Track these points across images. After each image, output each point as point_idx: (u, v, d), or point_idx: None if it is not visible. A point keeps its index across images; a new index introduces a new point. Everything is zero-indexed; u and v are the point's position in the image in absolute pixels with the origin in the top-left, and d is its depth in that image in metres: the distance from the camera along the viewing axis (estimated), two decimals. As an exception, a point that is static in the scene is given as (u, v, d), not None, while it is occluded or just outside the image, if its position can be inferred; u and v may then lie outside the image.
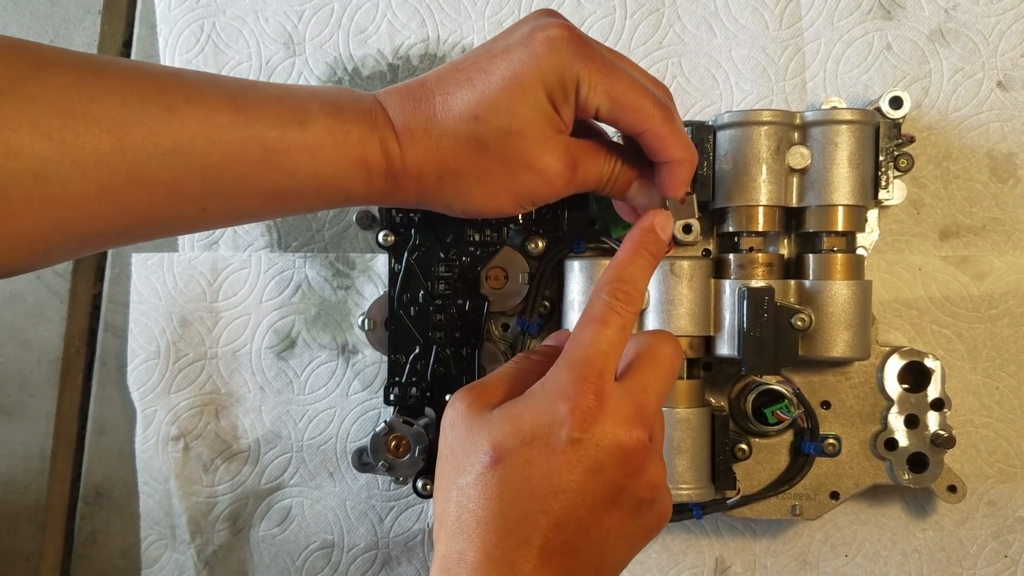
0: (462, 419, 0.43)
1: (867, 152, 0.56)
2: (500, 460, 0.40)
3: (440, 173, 0.44)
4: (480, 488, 0.40)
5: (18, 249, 0.37)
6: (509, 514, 0.40)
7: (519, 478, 0.40)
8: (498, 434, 0.41)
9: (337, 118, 0.42)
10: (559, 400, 0.40)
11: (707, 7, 0.65)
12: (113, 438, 0.70)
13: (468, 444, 0.42)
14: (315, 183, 0.43)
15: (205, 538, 0.68)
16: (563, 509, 0.40)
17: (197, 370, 0.68)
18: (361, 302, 0.67)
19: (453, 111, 0.43)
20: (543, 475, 0.39)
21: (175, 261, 0.68)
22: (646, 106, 0.43)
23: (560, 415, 0.40)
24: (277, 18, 0.68)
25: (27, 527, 0.70)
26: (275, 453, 0.67)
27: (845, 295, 0.55)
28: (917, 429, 0.58)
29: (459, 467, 0.42)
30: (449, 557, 0.40)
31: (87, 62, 0.38)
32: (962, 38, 0.63)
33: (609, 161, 0.46)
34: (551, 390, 0.41)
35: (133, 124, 0.37)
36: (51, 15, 0.71)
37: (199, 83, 0.40)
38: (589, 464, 0.40)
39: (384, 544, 0.67)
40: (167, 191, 0.39)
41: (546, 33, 0.42)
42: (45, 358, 0.70)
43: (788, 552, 0.64)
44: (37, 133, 0.35)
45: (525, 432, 0.40)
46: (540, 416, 0.40)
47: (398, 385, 0.57)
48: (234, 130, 0.40)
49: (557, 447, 0.40)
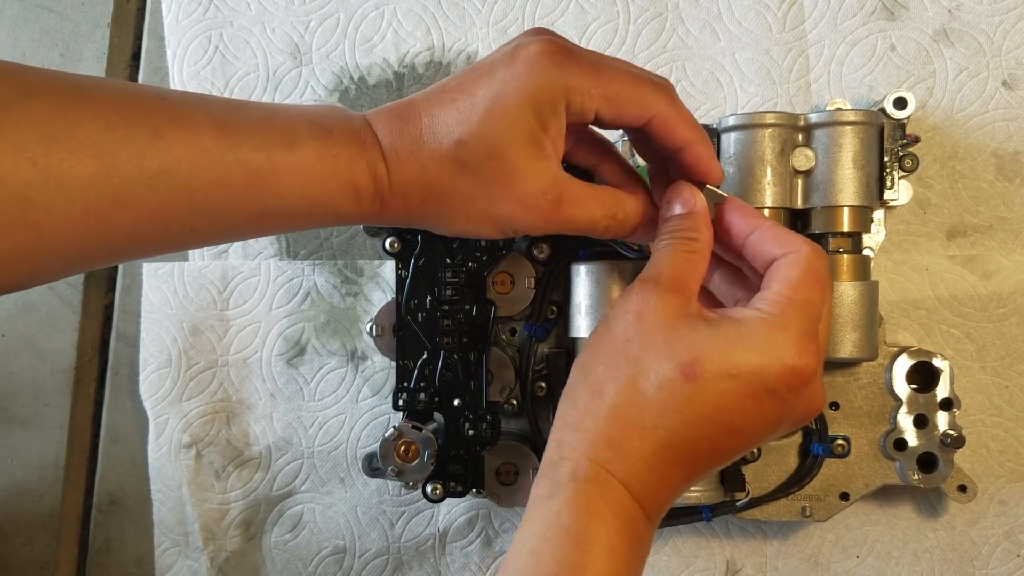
0: (658, 314, 0.41)
1: (871, 153, 0.56)
2: (696, 377, 0.39)
3: (425, 195, 0.44)
4: (662, 394, 0.40)
5: (3, 270, 0.37)
6: (681, 432, 0.40)
7: (708, 405, 0.40)
8: (704, 351, 0.40)
9: (325, 141, 0.42)
10: (783, 350, 0.40)
11: (710, 11, 0.66)
12: (126, 446, 0.70)
13: (661, 344, 0.40)
14: (303, 204, 0.42)
15: (218, 545, 0.68)
16: (728, 447, 0.41)
17: (208, 378, 0.68)
18: (370, 309, 0.68)
19: (438, 133, 0.42)
20: (730, 412, 0.40)
21: (186, 270, 0.68)
22: (646, 94, 0.43)
23: (777, 366, 0.40)
24: (284, 28, 0.69)
25: (42, 536, 0.70)
26: (286, 459, 0.68)
27: (852, 296, 0.55)
28: (926, 429, 0.58)
29: (639, 361, 0.41)
30: (589, 444, 0.40)
31: (73, 86, 0.38)
32: (966, 38, 0.64)
33: (608, 214, 0.45)
34: (774, 335, 0.40)
35: (118, 148, 0.37)
36: (60, 29, 0.72)
37: (185, 106, 0.40)
38: (776, 418, 0.41)
39: (395, 549, 0.67)
40: (153, 213, 0.39)
41: (527, 51, 0.41)
42: (58, 368, 0.71)
43: (799, 554, 0.64)
44: (21, 159, 0.35)
45: (732, 363, 0.39)
46: (755, 355, 0.40)
47: (406, 390, 0.57)
48: (220, 153, 0.40)
49: (759, 393, 0.40)
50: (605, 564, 0.38)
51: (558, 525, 0.39)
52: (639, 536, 0.40)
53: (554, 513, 0.39)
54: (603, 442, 0.40)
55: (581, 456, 0.40)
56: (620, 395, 0.40)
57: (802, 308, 0.41)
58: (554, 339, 0.60)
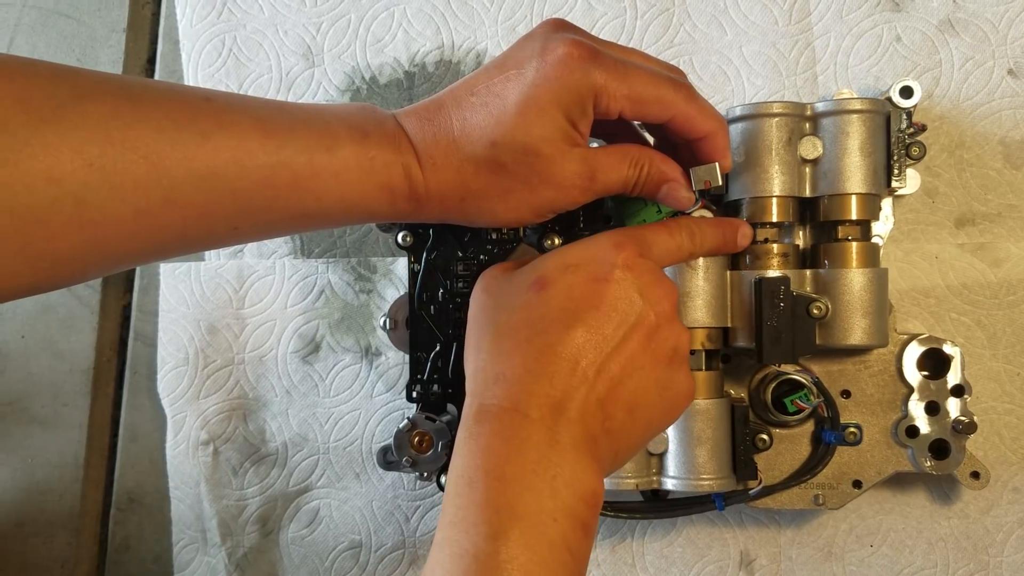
0: (498, 279, 0.48)
1: (878, 140, 0.56)
2: (545, 285, 0.44)
3: (462, 195, 0.45)
4: (523, 314, 0.44)
5: (57, 268, 0.38)
6: (552, 330, 0.42)
7: (563, 299, 0.43)
8: (542, 267, 0.45)
9: (363, 143, 0.43)
10: (605, 241, 0.45)
11: (716, 5, 0.66)
12: (144, 445, 0.71)
13: (508, 288, 0.46)
14: (341, 205, 0.44)
15: (236, 541, 0.69)
16: (598, 324, 0.43)
17: (225, 376, 0.69)
18: (383, 305, 0.68)
19: (472, 136, 0.44)
20: (584, 295, 0.43)
21: (202, 270, 0.69)
22: (667, 94, 0.44)
23: (605, 249, 0.45)
24: (296, 30, 0.70)
25: (62, 534, 0.71)
26: (302, 455, 0.69)
27: (861, 283, 0.56)
28: (938, 416, 0.58)
29: (497, 308, 0.46)
30: (486, 383, 0.43)
31: (123, 89, 0.39)
32: (971, 27, 0.64)
33: (635, 167, 0.47)
34: (597, 236, 0.46)
35: (168, 150, 0.39)
36: (77, 34, 0.74)
37: (230, 108, 0.42)
38: (627, 290, 0.44)
39: (411, 543, 0.68)
40: (200, 213, 0.40)
41: (556, 53, 0.43)
42: (77, 368, 0.72)
43: (813, 543, 0.65)
44: (78, 160, 0.36)
45: (569, 263, 0.45)
46: (586, 250, 0.45)
47: (420, 382, 0.58)
48: (264, 155, 0.41)
49: (600, 275, 0.44)
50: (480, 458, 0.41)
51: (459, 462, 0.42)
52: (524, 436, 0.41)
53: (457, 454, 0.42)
54: (490, 379, 0.43)
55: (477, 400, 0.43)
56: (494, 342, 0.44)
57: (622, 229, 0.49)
58: (566, 331, 0.61)
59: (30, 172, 0.35)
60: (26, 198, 0.35)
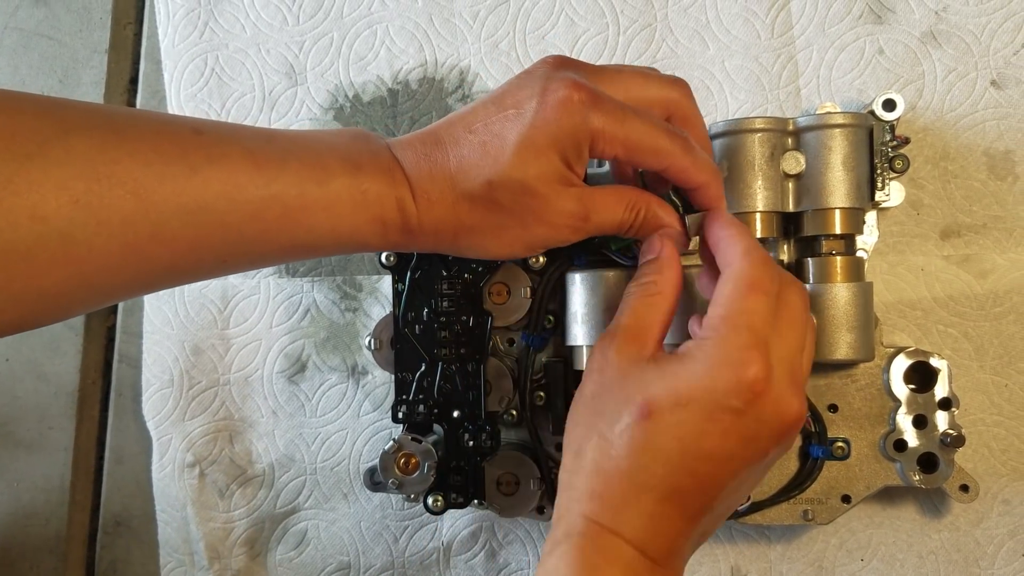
0: (613, 368, 0.44)
1: (861, 155, 0.56)
2: (650, 415, 0.41)
3: (456, 230, 0.45)
4: (626, 439, 0.41)
5: (43, 305, 0.38)
6: (655, 470, 0.41)
7: (669, 437, 0.41)
8: (653, 390, 0.41)
9: (355, 176, 0.43)
10: (724, 366, 0.40)
11: (699, 20, 0.66)
12: (130, 467, 0.71)
13: (618, 393, 0.43)
14: (332, 237, 0.44)
15: (223, 563, 0.68)
16: (709, 474, 0.41)
17: (210, 397, 0.69)
18: (369, 324, 0.68)
19: (469, 174, 0.43)
20: (695, 439, 0.40)
21: (186, 291, 0.69)
22: (663, 145, 0.44)
23: (723, 383, 0.40)
24: (278, 49, 0.70)
25: (49, 559, 0.71)
26: (289, 476, 0.68)
27: (846, 297, 0.56)
28: (926, 429, 0.58)
29: (604, 414, 0.43)
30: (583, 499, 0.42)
31: (110, 122, 0.39)
32: (954, 39, 0.64)
33: (631, 211, 0.47)
34: (713, 355, 0.41)
35: (156, 185, 0.38)
36: (59, 56, 0.73)
37: (220, 140, 0.41)
38: (747, 434, 0.41)
39: (400, 563, 0.67)
40: (189, 247, 0.40)
41: (556, 96, 0.42)
42: (62, 391, 0.72)
43: (803, 558, 0.64)
44: (64, 197, 0.36)
45: (681, 393, 0.41)
46: (701, 379, 0.40)
47: (405, 403, 0.58)
48: (255, 189, 0.41)
49: (715, 414, 0.40)
50: None
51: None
52: None
53: (552, 569, 0.41)
54: (587, 497, 0.42)
55: (573, 513, 0.42)
56: (595, 450, 0.42)
57: (737, 321, 0.41)
58: (552, 348, 0.61)
59: (14, 210, 0.35)
60: (10, 235, 0.35)
